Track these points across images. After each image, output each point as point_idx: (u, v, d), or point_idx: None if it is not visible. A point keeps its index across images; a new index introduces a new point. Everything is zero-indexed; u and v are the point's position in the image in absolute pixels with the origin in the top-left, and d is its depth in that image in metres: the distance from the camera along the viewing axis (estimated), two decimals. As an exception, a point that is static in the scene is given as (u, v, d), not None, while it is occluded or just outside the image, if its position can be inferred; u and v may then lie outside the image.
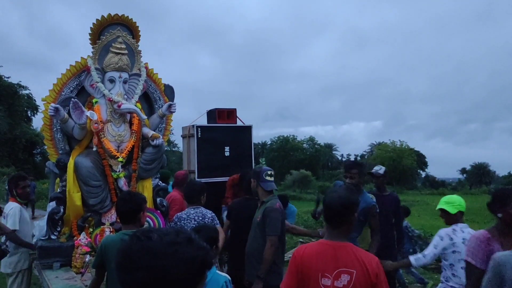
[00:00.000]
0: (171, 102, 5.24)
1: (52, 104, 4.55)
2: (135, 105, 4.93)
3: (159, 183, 5.25)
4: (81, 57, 4.92)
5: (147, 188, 5.04)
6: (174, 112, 5.33)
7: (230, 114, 6.67)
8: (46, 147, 5.07)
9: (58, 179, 4.96)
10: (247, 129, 6.76)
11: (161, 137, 5.09)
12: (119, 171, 4.80)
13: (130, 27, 5.05)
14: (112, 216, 4.78)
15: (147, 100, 5.48)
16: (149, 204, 4.97)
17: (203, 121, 6.71)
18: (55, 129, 4.94)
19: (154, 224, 4.88)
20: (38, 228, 4.87)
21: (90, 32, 4.87)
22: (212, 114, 6.62)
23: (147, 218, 4.72)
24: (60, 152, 4.95)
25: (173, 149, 60.15)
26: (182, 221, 3.82)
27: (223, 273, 2.80)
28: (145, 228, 1.24)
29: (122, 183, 4.80)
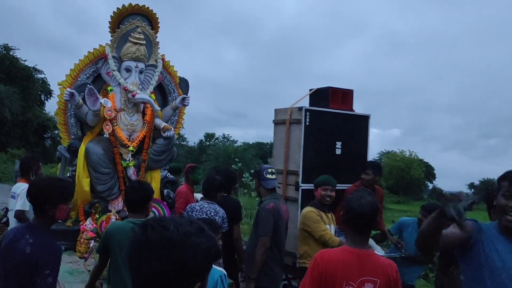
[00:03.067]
0: (185, 95, 5.27)
1: (68, 89, 4.59)
2: (150, 96, 4.96)
3: (167, 175, 5.29)
4: (99, 45, 4.97)
5: (155, 179, 5.07)
6: (187, 105, 5.35)
7: (346, 97, 5.01)
8: (58, 131, 5.13)
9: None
10: (364, 120, 5.11)
11: (172, 129, 5.12)
12: (129, 160, 4.84)
13: (150, 18, 5.09)
14: (119, 204, 4.82)
15: (161, 92, 5.51)
16: (157, 195, 5.00)
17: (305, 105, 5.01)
18: (69, 114, 5.00)
19: (159, 215, 4.91)
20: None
21: (110, 20, 4.90)
22: (322, 95, 4.95)
23: (153, 209, 4.76)
24: (72, 137, 5.01)
25: (182, 143, 60.45)
26: (194, 212, 3.81)
27: (219, 267, 2.76)
28: (156, 217, 1.21)
29: (131, 172, 4.84)
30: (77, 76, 4.93)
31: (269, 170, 3.85)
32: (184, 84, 5.36)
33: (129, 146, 4.82)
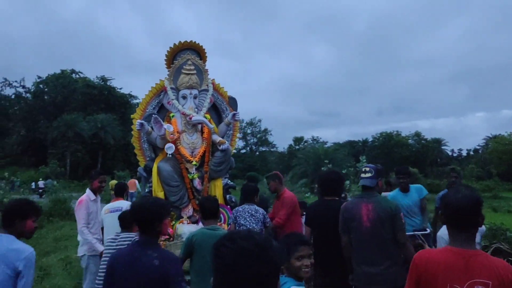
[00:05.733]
0: (235, 112, 6.20)
1: (138, 120, 5.78)
2: (204, 116, 5.97)
3: (227, 182, 6.24)
4: (160, 79, 6.12)
5: (218, 187, 6.04)
6: (238, 120, 6.28)
7: None
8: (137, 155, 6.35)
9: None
10: None
11: (227, 142, 6.06)
12: (193, 173, 5.86)
13: (198, 51, 6.13)
14: (189, 210, 5.87)
15: (216, 111, 6.52)
16: (220, 200, 5.97)
17: None
18: (142, 140, 6.20)
19: (224, 217, 5.87)
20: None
21: (165, 58, 6.04)
22: None
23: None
24: (147, 159, 6.19)
25: (272, 149, 62.08)
26: (239, 213, 4.74)
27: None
28: (235, 230, 1.62)
29: (197, 183, 5.86)
30: (145, 108, 6.13)
31: (363, 169, 3.93)
32: (232, 102, 6.30)
33: (192, 161, 5.86)
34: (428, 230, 5.42)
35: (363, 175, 3.86)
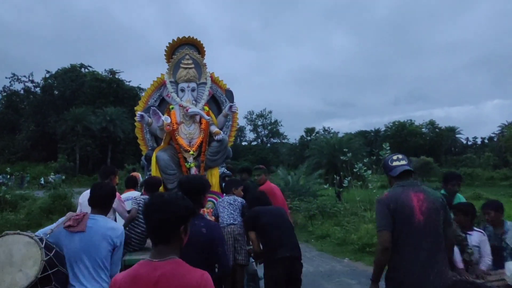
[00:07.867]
0: (231, 104, 6.67)
1: (138, 112, 6.29)
2: (203, 108, 6.44)
3: (224, 171, 6.73)
4: (161, 73, 6.63)
5: (214, 175, 6.53)
6: (235, 111, 6.74)
7: None
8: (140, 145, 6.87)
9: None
10: None
11: (222, 133, 6.53)
12: (191, 162, 6.36)
13: (196, 46, 6.61)
14: (186, 197, 6.37)
15: (216, 103, 6.99)
16: (217, 188, 6.46)
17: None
18: (145, 131, 6.73)
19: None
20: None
21: (165, 53, 6.53)
22: None
23: (213, 199, 6.21)
24: (149, 148, 6.71)
25: (283, 141, 62.49)
26: (219, 203, 5.31)
27: None
28: (156, 193, 2.28)
29: (193, 171, 6.35)
30: (147, 101, 6.65)
31: (394, 157, 3.57)
32: (229, 94, 6.78)
33: (190, 151, 6.35)
34: None
35: (396, 163, 3.49)
